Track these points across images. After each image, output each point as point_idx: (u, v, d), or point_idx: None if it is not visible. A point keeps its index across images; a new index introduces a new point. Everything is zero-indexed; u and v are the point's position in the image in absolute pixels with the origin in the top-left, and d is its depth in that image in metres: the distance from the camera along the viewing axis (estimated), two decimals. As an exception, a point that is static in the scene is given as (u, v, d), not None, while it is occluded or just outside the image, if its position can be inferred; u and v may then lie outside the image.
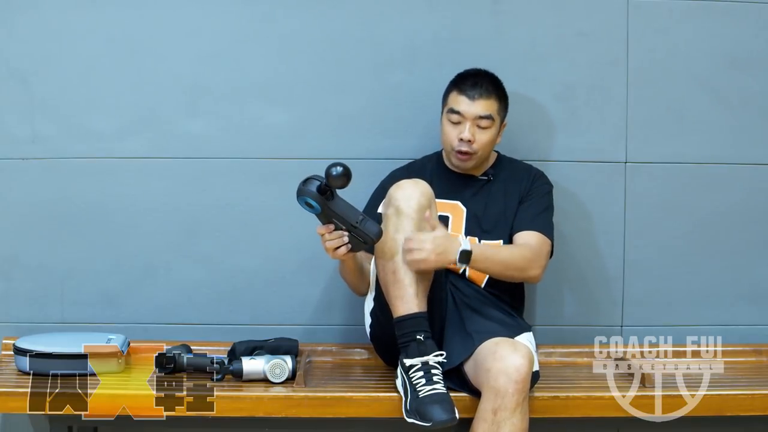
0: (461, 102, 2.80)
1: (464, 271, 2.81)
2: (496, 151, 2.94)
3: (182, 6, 3.01)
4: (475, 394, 2.55)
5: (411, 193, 2.62)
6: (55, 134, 3.01)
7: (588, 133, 3.07)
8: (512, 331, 2.68)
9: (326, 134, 3.04)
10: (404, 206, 2.60)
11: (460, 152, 2.80)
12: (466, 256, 2.62)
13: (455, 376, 2.60)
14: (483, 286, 2.81)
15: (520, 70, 3.04)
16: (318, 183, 2.49)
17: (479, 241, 2.81)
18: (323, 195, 2.49)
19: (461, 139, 2.79)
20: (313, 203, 2.50)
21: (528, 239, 2.81)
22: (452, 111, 2.81)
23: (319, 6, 3.02)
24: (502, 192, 2.87)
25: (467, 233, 2.81)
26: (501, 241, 2.83)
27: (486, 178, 2.89)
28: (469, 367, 2.59)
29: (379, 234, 2.54)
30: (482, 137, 2.81)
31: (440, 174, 2.90)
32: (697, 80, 3.07)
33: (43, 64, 3.00)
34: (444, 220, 2.81)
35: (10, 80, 3.00)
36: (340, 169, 2.46)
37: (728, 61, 3.07)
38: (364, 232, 2.54)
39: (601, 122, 3.07)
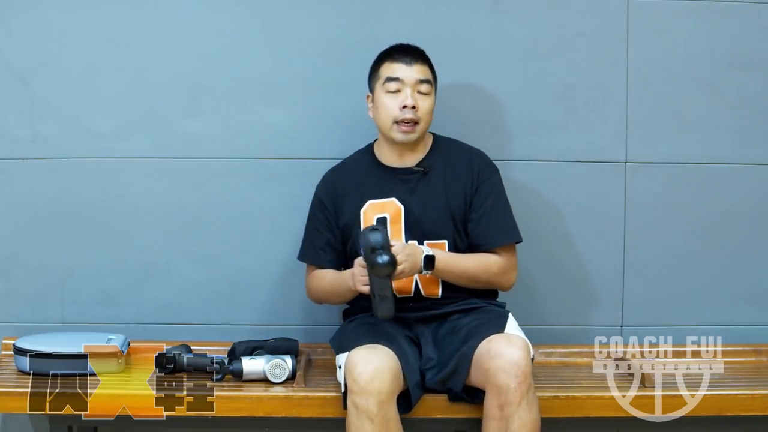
0: (398, 69, 2.72)
1: (418, 288, 2.74)
2: (432, 133, 2.85)
3: (182, 6, 3.01)
4: (481, 395, 2.55)
5: (367, 390, 2.48)
6: (55, 134, 3.01)
7: (588, 133, 3.07)
8: (496, 323, 2.63)
9: (326, 134, 3.04)
10: (362, 404, 2.48)
11: (405, 121, 2.70)
12: (430, 261, 2.60)
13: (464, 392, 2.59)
14: (440, 295, 2.75)
15: (520, 70, 3.04)
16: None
17: (422, 244, 2.71)
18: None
19: (405, 106, 2.69)
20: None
21: (496, 251, 2.75)
22: (390, 79, 2.71)
23: (319, 6, 3.02)
24: (442, 185, 2.76)
25: (408, 236, 2.73)
26: (446, 242, 2.74)
27: (421, 169, 2.77)
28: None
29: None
30: (424, 104, 2.71)
31: (373, 171, 2.80)
32: (697, 80, 3.07)
33: (43, 64, 3.00)
34: (382, 221, 2.75)
35: (10, 80, 3.00)
36: (386, 258, 2.50)
37: (728, 61, 3.07)
38: (375, 309, 2.59)
39: (601, 122, 3.07)
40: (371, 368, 2.49)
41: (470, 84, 2.99)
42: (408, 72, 2.72)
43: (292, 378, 2.72)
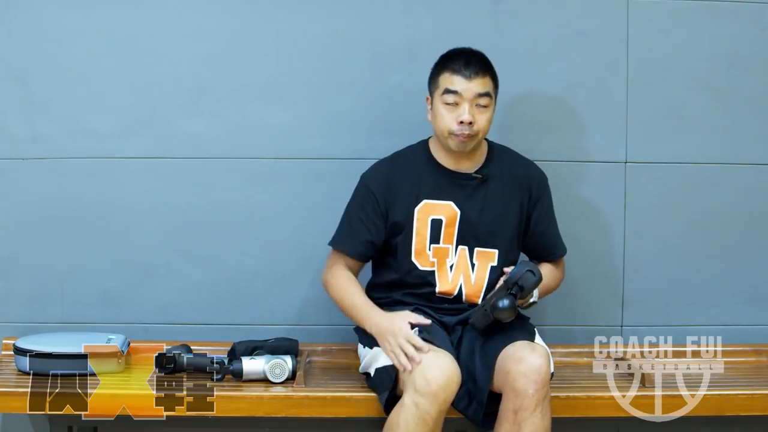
0: (457, 81, 2.66)
1: (460, 295, 2.75)
2: (486, 140, 2.83)
3: (182, 6, 3.01)
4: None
5: (438, 395, 2.49)
6: (55, 134, 3.01)
7: (588, 133, 3.07)
8: (526, 333, 2.66)
9: (326, 134, 3.04)
10: (425, 406, 2.48)
11: (461, 135, 2.66)
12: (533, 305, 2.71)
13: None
14: (480, 302, 2.75)
15: (520, 70, 3.04)
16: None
17: (472, 250, 2.75)
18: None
19: (461, 122, 2.64)
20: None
21: (555, 261, 2.87)
22: (448, 91, 2.66)
23: (319, 6, 3.02)
24: (499, 195, 2.76)
25: (459, 241, 2.73)
26: (496, 252, 2.75)
27: (480, 176, 2.76)
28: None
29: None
30: (482, 117, 2.67)
31: (430, 170, 2.76)
32: (697, 80, 3.07)
33: (43, 64, 3.00)
34: (437, 223, 2.73)
35: (10, 80, 3.00)
36: (506, 302, 2.56)
37: (728, 61, 3.07)
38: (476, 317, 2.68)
39: (601, 122, 3.07)
40: (445, 376, 2.49)
41: (470, 84, 2.99)
42: (467, 85, 2.66)
43: (292, 378, 2.72)
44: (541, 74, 3.05)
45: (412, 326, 2.60)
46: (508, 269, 2.66)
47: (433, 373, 2.47)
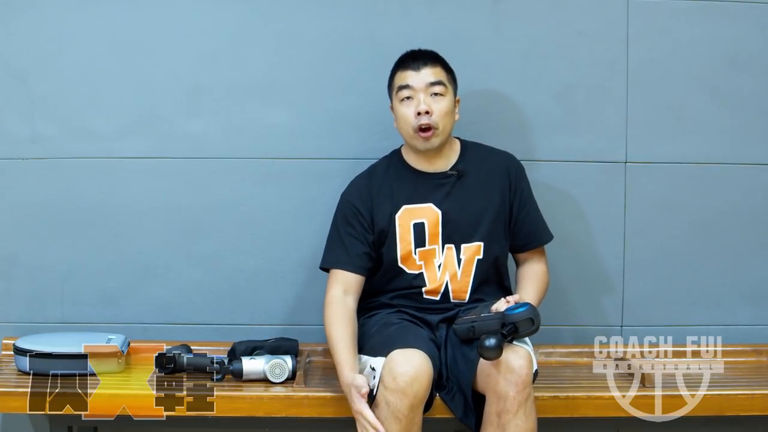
0: (408, 76, 2.71)
1: (447, 291, 2.76)
2: (458, 138, 2.85)
3: (182, 6, 3.01)
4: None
5: (405, 391, 2.48)
6: (55, 134, 3.01)
7: (588, 133, 3.07)
8: None
9: (326, 134, 3.04)
10: (395, 403, 2.48)
11: (422, 129, 2.68)
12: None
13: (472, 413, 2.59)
14: (467, 299, 2.77)
15: (520, 70, 3.04)
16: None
17: (459, 247, 2.75)
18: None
19: (419, 113, 2.67)
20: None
21: (539, 252, 2.84)
22: (401, 87, 2.71)
23: (319, 6, 3.02)
24: (478, 187, 2.77)
25: (445, 240, 2.75)
26: (481, 245, 2.76)
27: (454, 173, 2.77)
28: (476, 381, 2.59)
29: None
30: (439, 106, 2.69)
31: (406, 175, 2.79)
32: (697, 80, 3.07)
33: (43, 64, 3.00)
34: (419, 226, 2.75)
35: (10, 80, 3.00)
36: (493, 341, 2.47)
37: (728, 61, 3.07)
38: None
39: (601, 122, 3.07)
40: (413, 371, 2.49)
41: (470, 84, 2.99)
42: (416, 77, 2.71)
43: (292, 378, 2.73)
44: (541, 74, 3.05)
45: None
46: (512, 298, 2.62)
47: (401, 369, 2.48)
